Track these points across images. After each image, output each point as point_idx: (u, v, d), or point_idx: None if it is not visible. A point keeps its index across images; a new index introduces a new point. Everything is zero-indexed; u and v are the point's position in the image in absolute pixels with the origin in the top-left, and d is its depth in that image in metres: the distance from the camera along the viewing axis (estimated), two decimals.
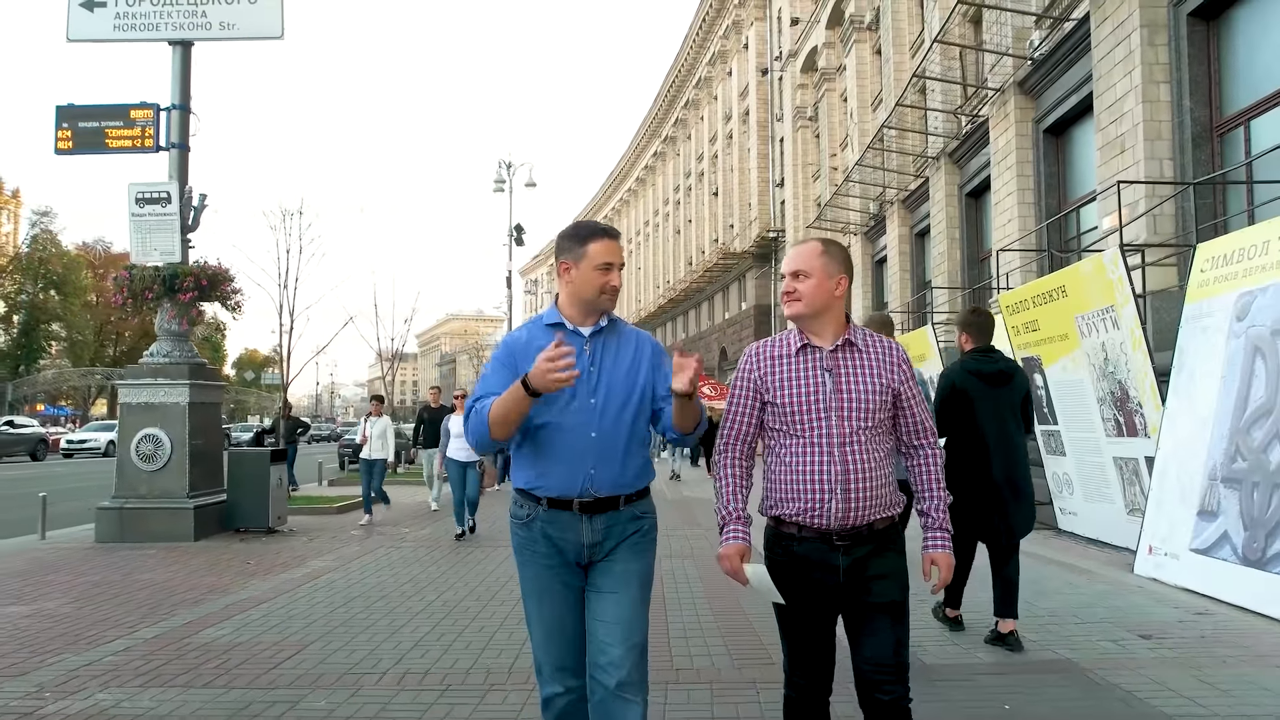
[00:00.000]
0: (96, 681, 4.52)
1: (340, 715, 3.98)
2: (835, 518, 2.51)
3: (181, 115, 10.36)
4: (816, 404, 2.56)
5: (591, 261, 2.68)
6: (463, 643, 5.25)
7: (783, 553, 2.60)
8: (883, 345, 2.68)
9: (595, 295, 2.70)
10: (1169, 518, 6.69)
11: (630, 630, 2.62)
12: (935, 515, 2.65)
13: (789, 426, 2.59)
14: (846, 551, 2.53)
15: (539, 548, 2.69)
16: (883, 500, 2.56)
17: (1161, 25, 12.98)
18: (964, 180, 21.76)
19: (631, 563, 2.69)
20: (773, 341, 2.73)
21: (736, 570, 2.59)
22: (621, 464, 2.68)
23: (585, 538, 2.66)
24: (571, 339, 2.67)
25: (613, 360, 2.74)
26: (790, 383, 2.60)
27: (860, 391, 2.56)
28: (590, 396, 2.65)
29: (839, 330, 2.63)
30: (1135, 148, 13.17)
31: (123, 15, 10.28)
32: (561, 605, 2.68)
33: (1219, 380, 6.40)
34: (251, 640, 5.36)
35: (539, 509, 2.69)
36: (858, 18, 29.47)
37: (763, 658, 4.67)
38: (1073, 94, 15.91)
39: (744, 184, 44.69)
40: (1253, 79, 11.75)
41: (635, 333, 2.88)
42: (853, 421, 2.54)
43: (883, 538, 2.58)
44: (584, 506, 2.65)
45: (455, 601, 6.47)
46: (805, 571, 2.55)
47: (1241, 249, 6.51)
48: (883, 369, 2.61)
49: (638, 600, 2.68)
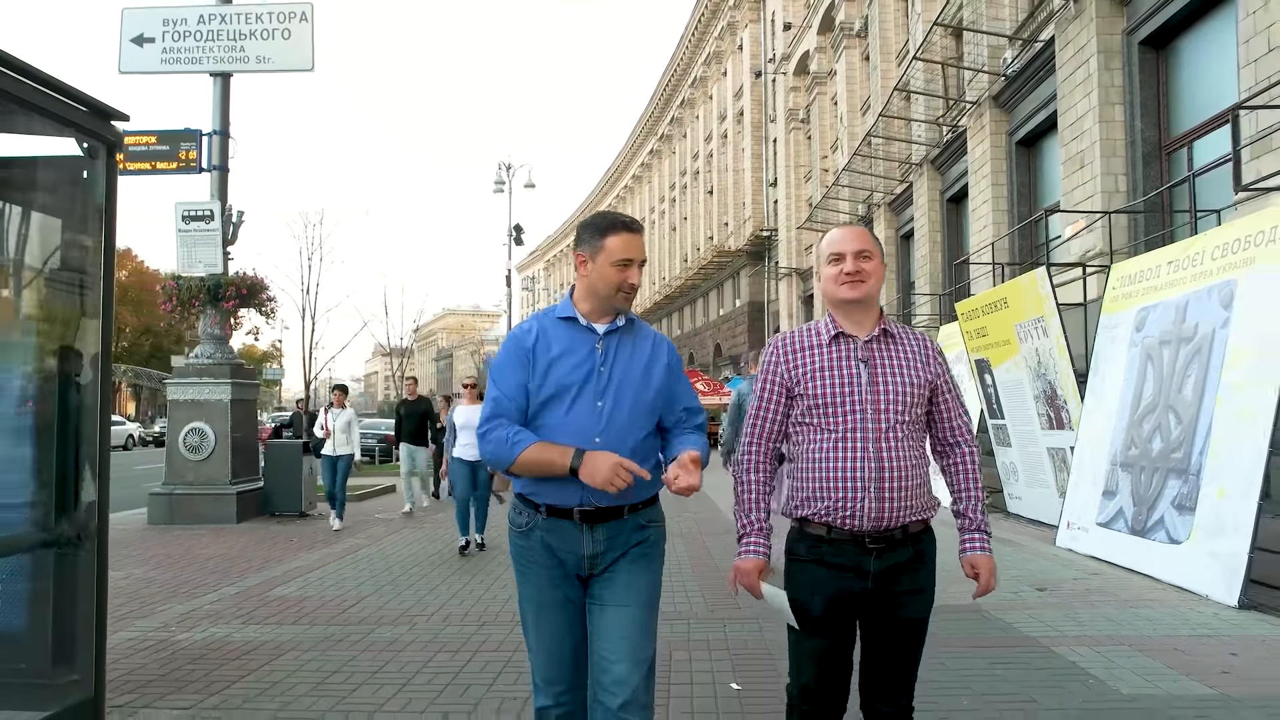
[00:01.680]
0: (206, 621, 5.79)
1: (403, 641, 5.25)
2: (869, 518, 2.38)
3: (222, 140, 11.60)
4: (851, 396, 2.43)
5: (609, 256, 2.56)
6: (491, 594, 6.52)
7: (807, 553, 2.46)
8: (917, 337, 2.59)
9: (611, 293, 2.57)
10: (1082, 497, 7.98)
11: (636, 647, 2.49)
12: (973, 516, 2.53)
13: (820, 420, 2.46)
14: (879, 555, 2.41)
15: (538, 558, 2.58)
16: (918, 501, 2.44)
17: (1116, 51, 14.28)
18: (945, 186, 23.03)
19: (636, 575, 2.57)
20: (802, 331, 2.60)
21: (753, 588, 2.48)
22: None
23: (585, 549, 2.55)
24: (584, 335, 2.60)
25: (626, 362, 2.60)
26: (822, 373, 2.47)
27: (898, 384, 2.45)
28: (597, 399, 2.54)
29: (876, 319, 2.53)
30: (1093, 164, 14.46)
31: (169, 50, 11.51)
32: (560, 619, 2.57)
33: (1122, 382, 7.68)
34: (317, 595, 6.63)
35: (538, 517, 2.58)
36: (847, 25, 30.68)
37: (732, 605, 5.93)
38: (1041, 110, 17.17)
39: (738, 183, 45.93)
40: (1195, 103, 13.03)
41: (653, 335, 2.75)
42: (890, 416, 2.42)
43: (917, 544, 2.47)
44: (584, 516, 2.53)
45: (484, 563, 7.76)
46: (832, 575, 2.42)
47: (1143, 271, 7.80)
48: (919, 361, 2.51)
49: (644, 615, 2.56)
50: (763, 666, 4.57)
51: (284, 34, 11.51)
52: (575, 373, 2.55)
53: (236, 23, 11.52)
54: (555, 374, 2.56)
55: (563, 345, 2.59)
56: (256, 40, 11.49)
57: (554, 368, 2.56)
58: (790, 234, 37.12)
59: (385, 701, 4.13)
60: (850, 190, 28.20)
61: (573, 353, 2.58)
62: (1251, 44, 10.35)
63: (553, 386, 2.55)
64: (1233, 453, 6.00)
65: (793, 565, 2.51)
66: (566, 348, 2.58)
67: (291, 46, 11.52)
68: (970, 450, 2.59)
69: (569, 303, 2.66)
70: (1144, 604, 5.90)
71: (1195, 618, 5.50)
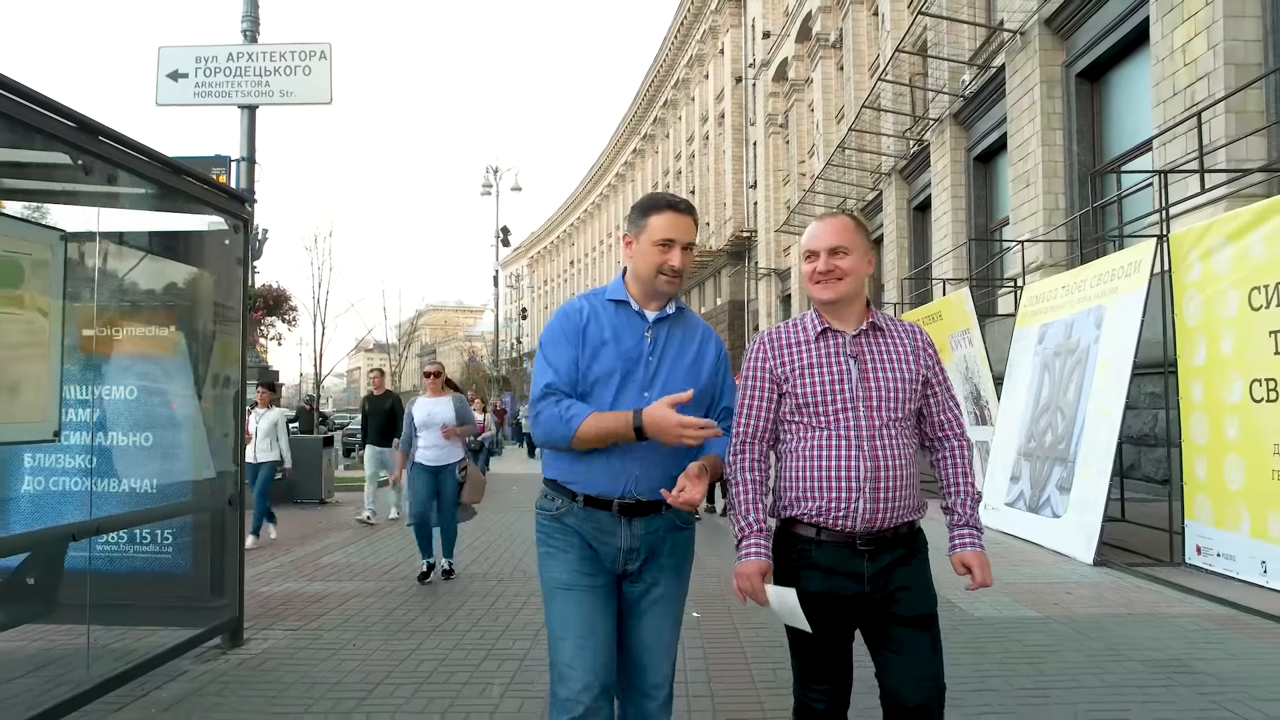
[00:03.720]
0: (279, 579, 7.32)
1: (444, 591, 6.79)
2: (862, 519, 2.35)
3: (249, 166, 13.07)
4: (842, 394, 2.40)
5: (651, 236, 2.53)
6: (513, 555, 8.08)
7: (797, 558, 2.43)
8: (907, 329, 2.56)
9: (652, 274, 2.53)
10: (995, 483, 9.63)
11: (670, 652, 2.56)
12: (962, 511, 2.50)
13: (810, 419, 2.43)
14: (872, 557, 2.38)
15: (571, 539, 2.52)
16: (910, 501, 2.43)
17: (1057, 81, 15.97)
18: (912, 195, 24.70)
19: (674, 587, 2.59)
20: (787, 326, 2.56)
21: (756, 590, 2.40)
22: (668, 467, 2.47)
23: (623, 542, 2.51)
24: (634, 320, 2.56)
25: (675, 353, 2.57)
26: (811, 370, 2.44)
27: (890, 380, 2.43)
28: (644, 390, 2.48)
29: (862, 314, 2.50)
30: (1037, 183, 16.17)
31: (201, 85, 12.96)
32: (589, 603, 2.48)
33: (1026, 386, 9.33)
34: (360, 561, 8.17)
35: (574, 505, 2.53)
36: (824, 36, 32.27)
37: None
38: (995, 130, 18.83)
39: (719, 184, 47.50)
40: (1123, 132, 14.70)
41: (703, 328, 2.72)
42: (883, 413, 2.39)
43: (908, 543, 2.45)
44: (624, 509, 2.50)
45: (503, 529, 9.33)
46: (822, 579, 2.39)
47: (1046, 292, 9.45)
48: (910, 355, 2.48)
49: (677, 619, 2.61)
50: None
51: (305, 70, 12.98)
52: (623, 360, 2.52)
53: (262, 60, 12.99)
54: (604, 358, 2.52)
55: (613, 329, 2.55)
56: (280, 76, 12.96)
57: (603, 351, 2.52)
58: (769, 235, 38.74)
59: (437, 626, 5.69)
60: (825, 196, 29.80)
61: (622, 338, 2.54)
62: (1160, 87, 12.04)
63: (600, 370, 2.51)
64: (1096, 443, 7.63)
65: (776, 568, 2.47)
66: (616, 332, 2.55)
67: (312, 82, 13.00)
68: (959, 445, 2.56)
69: (620, 284, 2.62)
70: (1026, 564, 7.53)
71: (1058, 572, 7.13)
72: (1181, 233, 7.24)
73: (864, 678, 2.56)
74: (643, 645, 2.53)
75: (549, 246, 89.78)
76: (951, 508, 2.53)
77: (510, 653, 5.02)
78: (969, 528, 2.49)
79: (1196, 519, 6.92)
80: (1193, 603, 6.03)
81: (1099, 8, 14.70)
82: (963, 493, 2.52)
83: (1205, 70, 11.19)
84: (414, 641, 5.32)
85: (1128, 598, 6.24)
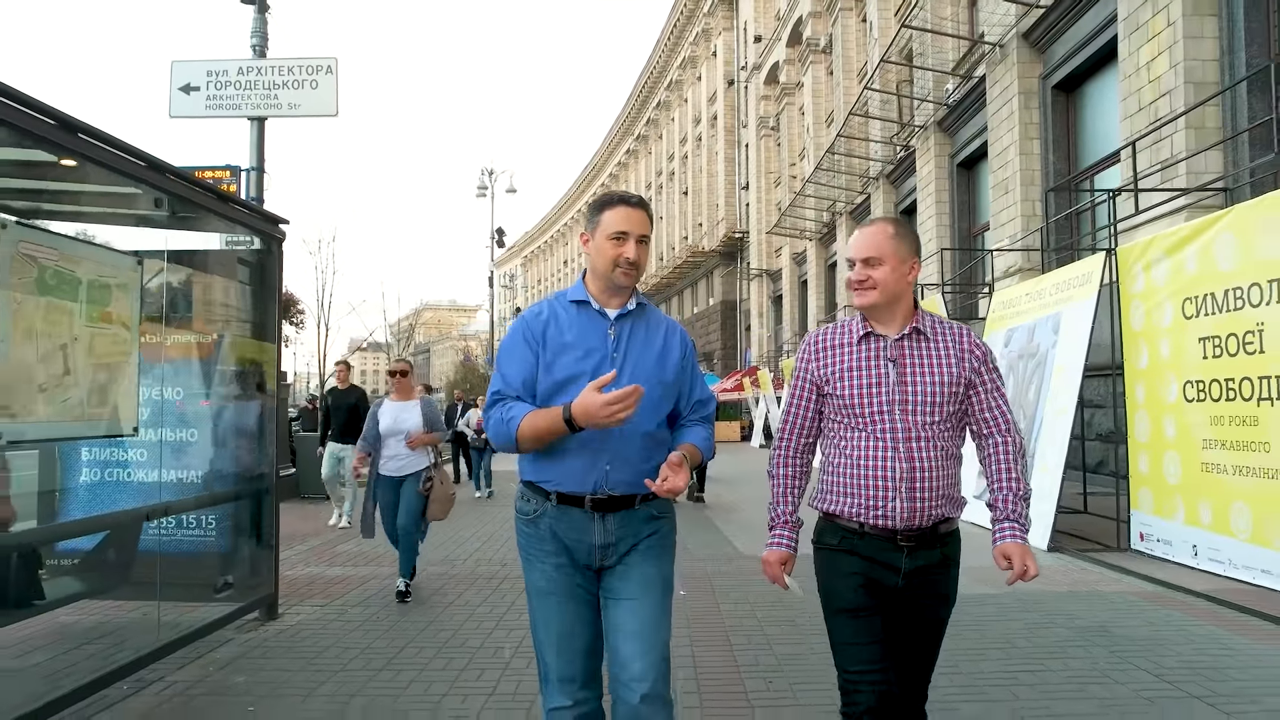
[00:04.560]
0: (300, 564, 7.99)
1: (451, 574, 7.46)
2: (900, 517, 2.45)
3: (258, 175, 13.72)
4: (879, 397, 2.49)
5: (605, 230, 2.58)
6: (514, 545, 8.76)
7: (839, 543, 2.54)
8: (954, 332, 2.60)
9: (609, 268, 2.58)
10: (966, 477, 10.32)
11: (654, 640, 2.54)
12: (1003, 506, 2.55)
13: (850, 420, 2.53)
14: (910, 554, 2.49)
15: (547, 546, 2.60)
16: (949, 500, 2.51)
17: (1034, 93, 16.70)
18: (899, 199, 25.41)
19: (649, 567, 2.60)
20: (833, 329, 2.65)
21: (777, 579, 2.59)
22: (640, 462, 2.55)
23: (597, 538, 2.56)
24: (595, 319, 2.61)
25: (640, 348, 2.62)
26: (851, 373, 2.53)
27: (927, 384, 2.49)
28: (610, 386, 2.47)
29: (907, 318, 2.56)
30: (1015, 190, 16.90)
31: (212, 98, 13.59)
32: (571, 610, 2.57)
33: None
34: (372, 549, 8.79)
35: (547, 504, 2.59)
36: (814, 40, 32.97)
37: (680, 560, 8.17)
38: (977, 137, 19.55)
39: (712, 185, 48.19)
40: (1096, 141, 15.43)
41: (667, 321, 2.76)
42: (919, 416, 2.47)
43: (944, 546, 2.55)
44: (596, 504, 2.55)
45: (507, 519, 10.00)
46: (864, 565, 2.50)
47: (1013, 299, 10.16)
48: (953, 359, 2.53)
49: (659, 607, 2.59)
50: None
51: (312, 84, 13.63)
52: (587, 360, 2.56)
53: (271, 74, 13.64)
54: (566, 360, 2.57)
55: (575, 331, 2.60)
56: (289, 90, 13.61)
57: (565, 353, 2.58)
58: (761, 236, 39.45)
59: (450, 603, 6.36)
60: (815, 199, 30.52)
61: (584, 339, 2.59)
62: (1127, 102, 12.75)
63: (564, 372, 2.56)
64: (1053, 440, 8.33)
65: (822, 553, 2.57)
66: (578, 334, 2.60)
67: (319, 95, 13.64)
68: (1003, 440, 2.60)
69: (580, 285, 2.67)
70: (985, 552, 8.21)
71: None
72: (1127, 247, 7.95)
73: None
74: (622, 635, 2.53)
75: (543, 246, 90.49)
76: (994, 503, 2.60)
77: (517, 623, 5.71)
78: (1010, 521, 2.55)
79: (1140, 509, 7.63)
80: (1129, 582, 6.74)
81: (1073, 23, 15.42)
82: (1005, 488, 2.57)
83: (1167, 87, 11.91)
84: (430, 615, 6.00)
85: (1073, 579, 6.94)
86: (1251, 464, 6.25)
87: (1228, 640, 5.16)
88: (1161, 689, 4.36)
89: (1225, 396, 6.52)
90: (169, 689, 4.48)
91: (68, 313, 3.82)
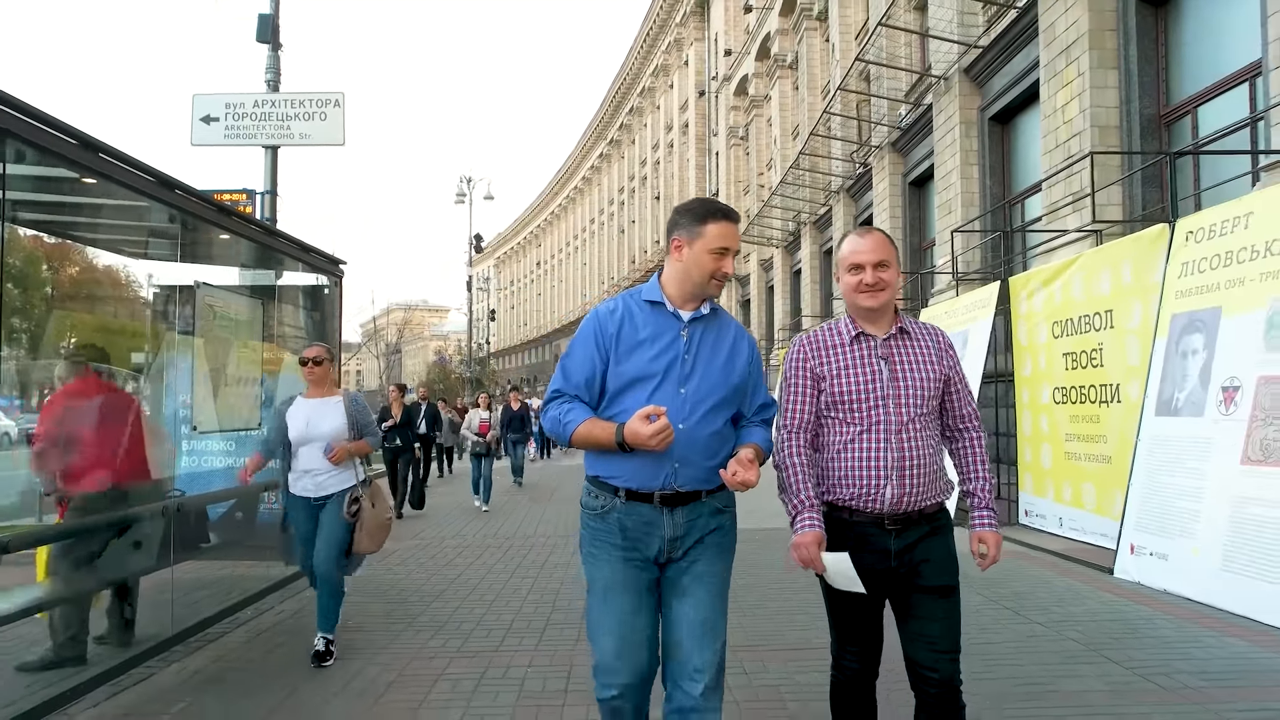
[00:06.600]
0: None
1: (468, 544, 9.20)
2: (889, 503, 2.65)
3: (272, 198, 15.38)
4: (874, 392, 2.68)
5: (707, 243, 2.66)
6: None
7: (836, 536, 2.69)
8: (930, 332, 2.84)
9: (704, 280, 2.68)
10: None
11: (715, 635, 2.63)
12: (981, 495, 2.79)
13: (845, 414, 2.72)
14: (898, 535, 2.68)
15: (615, 539, 2.67)
16: (935, 486, 2.71)
17: (974, 122, 18.68)
18: (859, 212, 27.35)
19: (714, 563, 2.70)
20: (824, 330, 2.84)
21: (813, 559, 2.65)
22: (706, 460, 2.65)
23: (667, 531, 2.64)
24: (670, 320, 2.70)
25: (710, 351, 2.70)
26: (847, 371, 2.72)
27: (916, 379, 2.71)
28: (680, 386, 2.61)
29: (892, 319, 2.79)
30: (956, 211, 18.83)
31: (230, 128, 15.25)
32: (634, 604, 2.64)
33: None
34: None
35: (616, 500, 2.67)
36: (781, 56, 34.86)
37: None
38: (925, 160, 21.50)
39: (683, 191, 49.85)
40: (1026, 170, 17.41)
41: (736, 326, 2.85)
42: (909, 409, 2.68)
43: (933, 522, 2.74)
44: (665, 500, 2.64)
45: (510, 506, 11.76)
46: (857, 554, 2.64)
47: (935, 315, 12.07)
48: (934, 356, 2.77)
49: (719, 602, 2.68)
50: None
51: (321, 116, 15.34)
52: (660, 359, 2.65)
53: (284, 107, 15.33)
54: (640, 358, 2.65)
55: (649, 330, 2.69)
56: (300, 121, 15.30)
57: (639, 351, 2.66)
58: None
59: (471, 563, 8.11)
60: (781, 209, 32.42)
61: (658, 339, 2.68)
62: (1046, 139, 14.71)
63: (637, 370, 2.65)
64: None
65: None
66: (652, 333, 2.69)
67: (327, 126, 15.35)
68: (977, 435, 2.85)
69: (656, 286, 2.75)
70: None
71: None
72: (1016, 277, 9.88)
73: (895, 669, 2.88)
74: (683, 627, 2.61)
75: (516, 248, 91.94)
76: (972, 492, 2.82)
77: (527, 571, 7.49)
78: (986, 509, 2.81)
79: (1024, 490, 9.54)
80: (1011, 548, 8.62)
81: (1006, 62, 17.38)
82: (981, 479, 2.81)
83: (1077, 129, 13.88)
84: (457, 570, 7.79)
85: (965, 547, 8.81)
86: (1096, 452, 8.16)
87: (1078, 588, 7.00)
88: (1021, 623, 6.20)
89: (1079, 400, 8.43)
90: (279, 615, 6.23)
91: (225, 343, 5.56)
